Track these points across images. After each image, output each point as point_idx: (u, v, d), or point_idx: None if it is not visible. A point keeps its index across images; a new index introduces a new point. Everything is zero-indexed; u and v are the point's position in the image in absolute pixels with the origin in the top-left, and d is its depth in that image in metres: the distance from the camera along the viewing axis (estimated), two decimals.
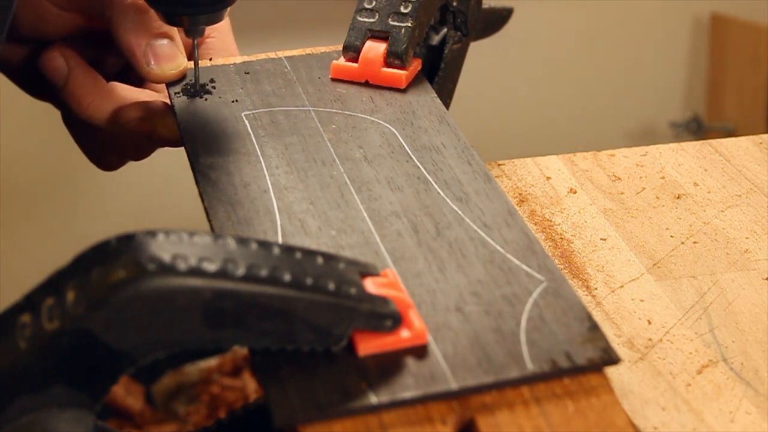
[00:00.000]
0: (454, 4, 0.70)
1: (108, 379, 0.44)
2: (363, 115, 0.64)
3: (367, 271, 0.48)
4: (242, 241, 0.45)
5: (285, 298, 0.44)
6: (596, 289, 0.56)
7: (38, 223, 2.01)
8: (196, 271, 0.43)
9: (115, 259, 0.43)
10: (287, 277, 0.44)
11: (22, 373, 0.42)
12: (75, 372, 0.43)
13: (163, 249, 0.43)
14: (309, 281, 0.45)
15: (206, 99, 0.65)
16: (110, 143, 0.74)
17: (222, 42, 0.75)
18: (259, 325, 0.44)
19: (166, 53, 0.67)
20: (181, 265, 0.42)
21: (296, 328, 0.45)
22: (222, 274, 0.43)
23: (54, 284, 0.43)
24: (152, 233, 0.44)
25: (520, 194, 0.66)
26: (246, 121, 0.64)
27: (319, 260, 0.46)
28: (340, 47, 0.69)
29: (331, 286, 0.45)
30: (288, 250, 0.45)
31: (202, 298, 0.43)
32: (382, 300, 0.46)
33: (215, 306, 0.43)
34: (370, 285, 0.47)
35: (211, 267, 0.43)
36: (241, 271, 0.43)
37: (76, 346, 0.42)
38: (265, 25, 1.95)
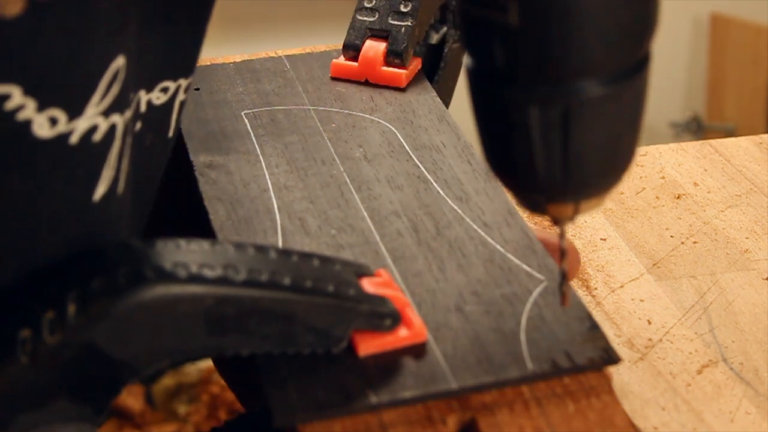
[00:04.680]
0: (454, 3, 0.70)
1: (111, 391, 0.44)
2: (363, 114, 0.64)
3: (362, 271, 0.48)
4: (240, 246, 0.45)
5: (286, 302, 0.44)
6: (596, 289, 0.56)
7: None
8: (197, 278, 0.42)
9: (114, 268, 0.42)
10: (287, 281, 0.44)
11: (24, 388, 0.42)
12: (78, 385, 0.43)
13: (162, 257, 0.43)
14: (308, 284, 0.44)
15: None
16: None
17: None
18: (260, 330, 0.44)
19: None
20: (182, 273, 0.42)
21: (297, 331, 0.45)
22: (223, 280, 0.43)
23: (53, 296, 0.43)
24: (150, 241, 0.44)
25: None
26: (246, 120, 0.63)
27: (316, 262, 0.46)
28: (340, 46, 0.69)
29: (330, 288, 0.45)
30: (284, 253, 0.45)
31: (203, 305, 0.42)
32: (381, 299, 0.46)
33: (217, 312, 0.43)
34: (367, 285, 0.47)
35: (211, 273, 0.43)
36: (241, 276, 0.43)
37: (79, 359, 0.42)
38: (265, 24, 1.95)
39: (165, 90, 0.48)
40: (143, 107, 0.47)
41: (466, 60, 0.41)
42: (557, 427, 0.44)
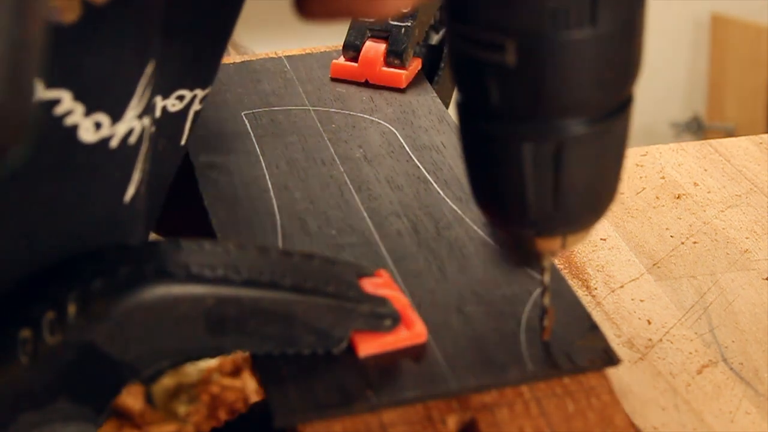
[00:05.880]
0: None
1: (111, 391, 0.44)
2: (363, 115, 0.64)
3: (362, 272, 0.48)
4: (241, 247, 0.45)
5: (286, 302, 0.44)
6: (596, 289, 0.56)
7: None
8: (198, 278, 0.42)
9: (115, 269, 0.42)
10: (287, 281, 0.44)
11: (25, 388, 0.42)
12: (78, 385, 0.43)
13: (163, 257, 0.43)
14: (309, 284, 0.45)
15: None
16: None
17: None
18: (260, 330, 0.44)
19: None
20: (182, 273, 0.42)
21: (297, 331, 0.45)
22: (223, 280, 0.43)
23: (54, 297, 0.43)
24: (151, 242, 0.44)
25: None
26: (246, 121, 0.64)
27: (316, 263, 0.46)
28: (340, 46, 0.69)
29: (331, 288, 0.45)
30: (285, 254, 0.45)
31: (204, 305, 0.43)
32: (381, 300, 0.46)
33: (217, 312, 0.43)
34: (367, 285, 0.47)
35: (212, 273, 0.43)
36: (242, 276, 0.43)
37: (79, 359, 0.42)
38: (264, 24, 1.95)
39: (181, 98, 0.49)
40: (158, 112, 0.48)
41: (456, 95, 0.42)
42: (557, 427, 0.44)
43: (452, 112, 0.66)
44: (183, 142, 0.52)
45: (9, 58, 0.29)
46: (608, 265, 0.58)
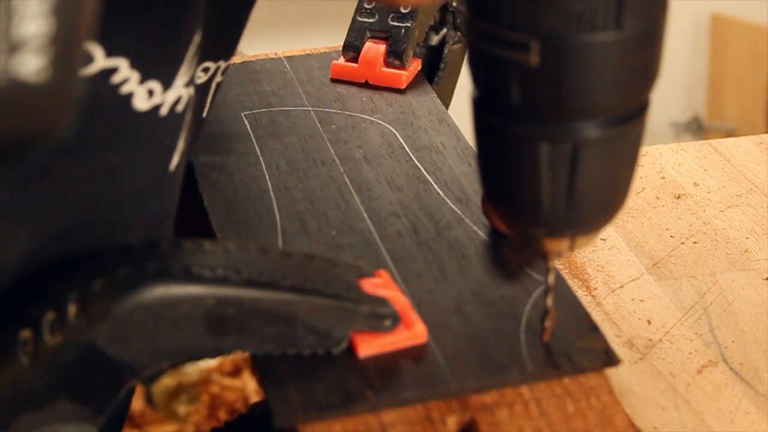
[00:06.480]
0: (454, 4, 0.70)
1: (111, 392, 0.44)
2: (363, 115, 0.64)
3: (362, 272, 0.48)
4: (241, 247, 0.45)
5: (286, 302, 0.44)
6: (596, 289, 0.56)
7: None
8: (198, 278, 0.43)
9: (115, 269, 0.42)
10: (287, 282, 0.44)
11: (25, 389, 0.42)
12: (78, 385, 0.43)
13: (163, 257, 0.43)
14: (309, 285, 0.45)
15: None
16: None
17: None
18: (261, 331, 0.44)
19: None
20: (182, 273, 0.42)
21: (297, 332, 0.45)
22: (223, 280, 0.43)
23: (54, 297, 0.43)
24: (152, 243, 0.44)
25: None
26: (246, 121, 0.64)
27: (317, 263, 0.46)
28: (340, 47, 0.69)
29: (331, 288, 0.45)
30: (285, 254, 0.46)
31: (204, 306, 0.43)
32: (381, 300, 0.46)
33: (218, 313, 0.43)
34: (367, 286, 0.47)
35: (212, 274, 0.43)
36: (242, 277, 0.43)
37: (80, 360, 0.42)
38: (265, 25, 1.95)
39: (206, 70, 0.50)
40: None
41: (472, 92, 0.42)
42: (557, 428, 0.44)
43: (452, 112, 0.66)
44: (205, 114, 0.52)
45: (62, 39, 0.29)
46: (608, 265, 0.58)
